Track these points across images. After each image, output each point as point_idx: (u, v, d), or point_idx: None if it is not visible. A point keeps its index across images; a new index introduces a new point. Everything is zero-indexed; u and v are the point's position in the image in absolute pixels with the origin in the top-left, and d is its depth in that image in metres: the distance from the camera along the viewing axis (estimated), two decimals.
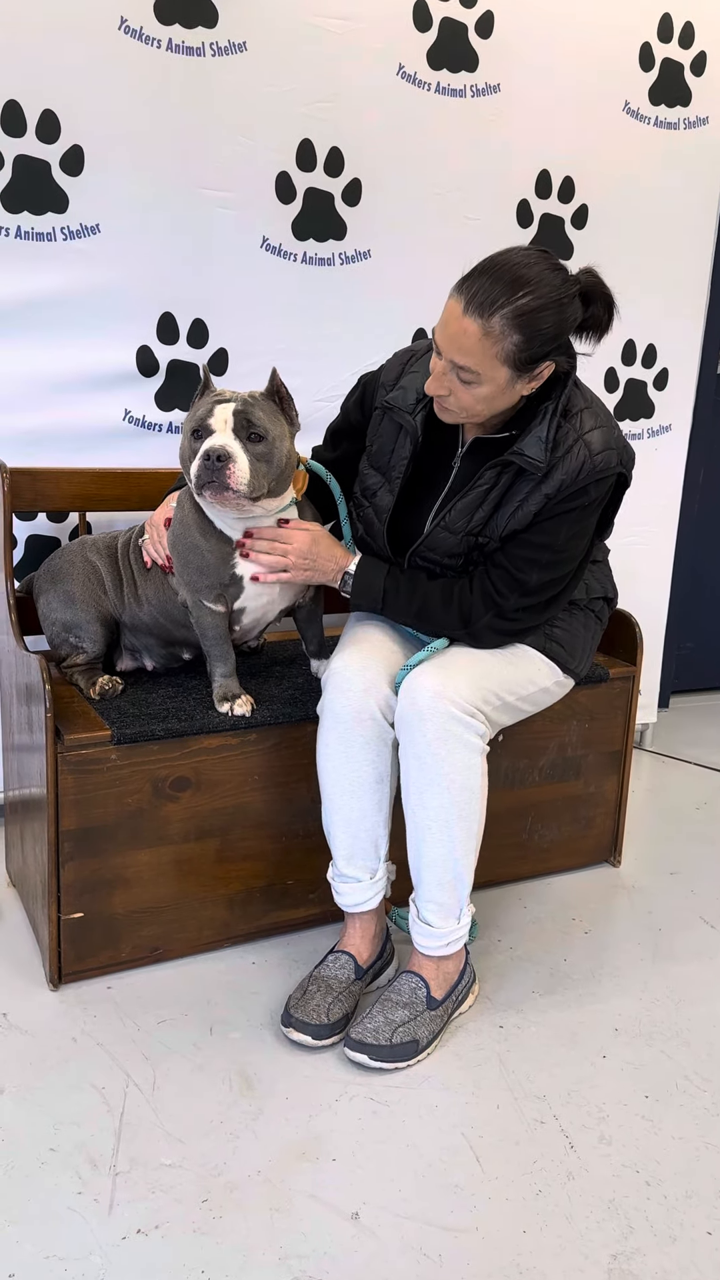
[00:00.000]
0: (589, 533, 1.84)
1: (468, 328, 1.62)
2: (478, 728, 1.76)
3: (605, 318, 1.73)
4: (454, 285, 1.66)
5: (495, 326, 1.61)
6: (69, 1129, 1.55)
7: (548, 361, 1.68)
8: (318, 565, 1.87)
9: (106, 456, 2.28)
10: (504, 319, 1.61)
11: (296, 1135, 1.57)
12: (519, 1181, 1.51)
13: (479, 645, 1.84)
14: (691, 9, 2.64)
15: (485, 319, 1.61)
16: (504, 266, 1.63)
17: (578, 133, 2.60)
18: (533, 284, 1.62)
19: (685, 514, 3.13)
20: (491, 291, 1.61)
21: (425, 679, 1.75)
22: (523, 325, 1.61)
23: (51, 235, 2.14)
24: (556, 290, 1.63)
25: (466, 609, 1.81)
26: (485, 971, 1.99)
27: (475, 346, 1.63)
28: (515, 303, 1.60)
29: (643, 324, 2.80)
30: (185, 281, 2.28)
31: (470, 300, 1.62)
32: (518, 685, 1.86)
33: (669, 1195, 1.50)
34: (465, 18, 2.40)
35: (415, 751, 1.74)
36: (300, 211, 2.35)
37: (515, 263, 1.63)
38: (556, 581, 1.83)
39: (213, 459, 1.70)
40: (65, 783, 1.79)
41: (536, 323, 1.62)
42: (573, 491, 1.75)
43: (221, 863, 1.97)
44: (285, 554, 1.85)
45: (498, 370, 1.65)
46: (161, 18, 2.12)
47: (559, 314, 1.64)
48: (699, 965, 2.06)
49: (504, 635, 1.84)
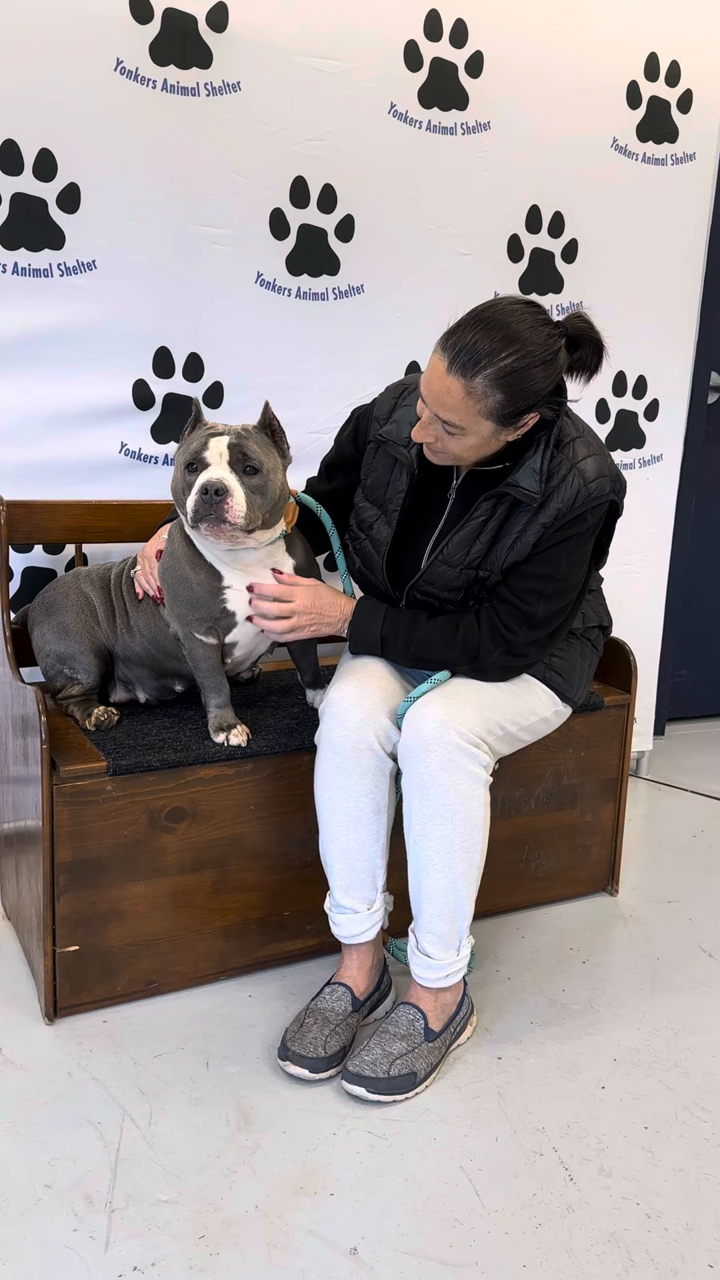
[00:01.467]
0: (587, 560, 1.85)
1: (451, 386, 1.63)
2: (482, 759, 1.76)
3: (594, 360, 1.73)
4: (439, 339, 1.65)
5: (478, 387, 1.61)
6: (65, 1165, 1.54)
7: (532, 413, 1.69)
8: (323, 617, 1.88)
9: (102, 489, 2.30)
10: (487, 379, 1.61)
11: (294, 1170, 1.55)
12: (519, 1215, 1.49)
13: (484, 680, 1.84)
14: (677, 49, 2.69)
15: (468, 379, 1.61)
16: (488, 323, 1.62)
17: (567, 169, 2.64)
18: (517, 343, 1.61)
19: (678, 543, 3.15)
20: (475, 351, 1.60)
21: (431, 709, 1.75)
22: (505, 385, 1.62)
23: (48, 271, 2.16)
24: (541, 348, 1.63)
25: (474, 645, 1.80)
26: (483, 1002, 1.98)
27: (459, 404, 1.64)
28: (498, 363, 1.60)
29: (633, 356, 2.84)
30: (180, 316, 2.30)
31: (454, 359, 1.61)
32: (520, 715, 1.87)
33: (669, 1228, 1.48)
34: (455, 58, 2.45)
35: (419, 782, 1.74)
36: (294, 247, 2.38)
37: (500, 320, 1.62)
38: (561, 612, 1.84)
39: (210, 492, 1.71)
40: (61, 814, 1.79)
41: (520, 382, 1.62)
42: (570, 520, 1.76)
43: (218, 894, 1.96)
44: (290, 613, 1.86)
45: (481, 425, 1.67)
46: (157, 59, 2.16)
47: (544, 371, 1.64)
48: (698, 995, 2.05)
49: (510, 671, 1.85)
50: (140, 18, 2.12)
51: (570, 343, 1.69)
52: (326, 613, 1.88)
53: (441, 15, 2.40)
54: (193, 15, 2.17)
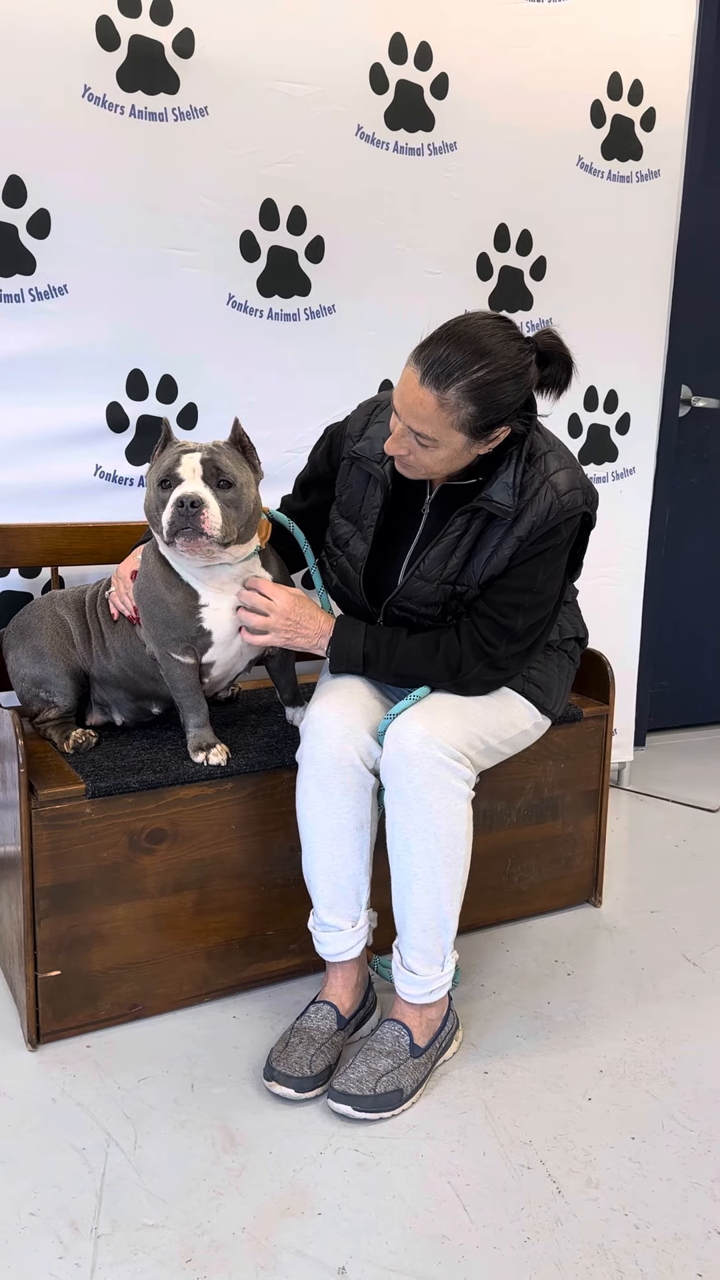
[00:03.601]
0: (562, 572, 1.87)
1: (424, 398, 1.65)
2: (464, 773, 1.76)
3: (563, 377, 1.76)
4: (412, 352, 1.67)
5: (451, 398, 1.63)
6: (49, 1192, 1.52)
7: (503, 426, 1.71)
8: (301, 628, 1.88)
9: (78, 511, 2.30)
10: (459, 391, 1.63)
11: (281, 1190, 1.54)
12: (507, 1229, 1.49)
13: (465, 695, 1.85)
14: (639, 68, 2.73)
15: (441, 391, 1.63)
16: (461, 337, 1.64)
17: (534, 187, 2.67)
18: (489, 356, 1.63)
19: (653, 554, 3.18)
20: (448, 363, 1.62)
21: (413, 724, 1.75)
22: (478, 398, 1.64)
23: (20, 297, 2.17)
24: (512, 361, 1.65)
25: (455, 660, 1.81)
26: (468, 1017, 1.98)
27: (431, 416, 1.65)
28: (471, 375, 1.62)
29: (604, 371, 2.86)
30: (153, 339, 2.31)
31: (427, 371, 1.64)
32: (501, 729, 1.87)
33: (658, 1238, 1.48)
34: (421, 80, 2.48)
35: (402, 797, 1.74)
36: (265, 269, 2.39)
37: (472, 334, 1.65)
38: (539, 624, 1.85)
39: (186, 505, 1.72)
40: (40, 839, 1.78)
41: (492, 395, 1.64)
42: (544, 532, 1.78)
43: (200, 915, 1.96)
44: (269, 611, 1.86)
45: (454, 437, 1.68)
46: (124, 85, 2.17)
47: (514, 385, 1.66)
48: (682, 1004, 2.05)
49: (491, 685, 1.86)
50: (107, 44, 2.14)
51: (540, 359, 1.72)
52: (304, 625, 1.88)
53: (406, 38, 2.43)
54: (159, 41, 2.19)
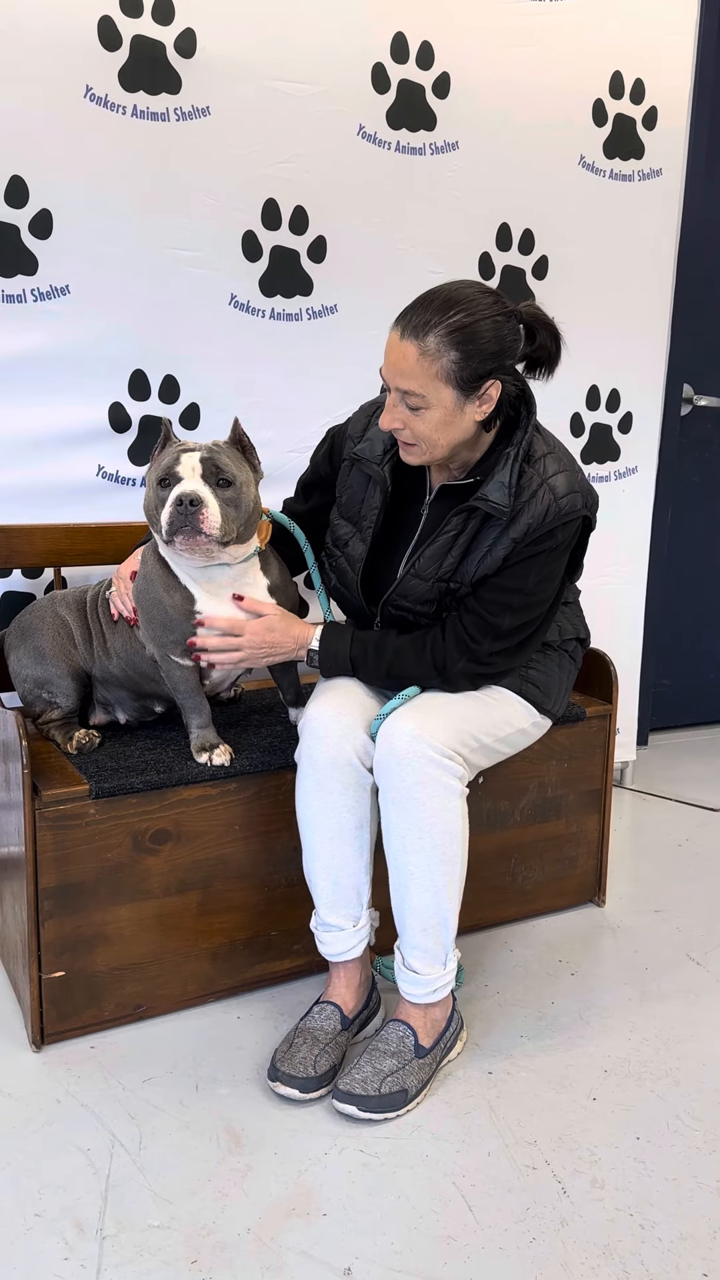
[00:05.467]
0: (558, 575, 1.86)
1: (406, 351, 1.68)
2: (456, 770, 1.76)
3: (553, 347, 1.77)
4: (393, 320, 1.72)
5: (431, 345, 1.66)
6: (54, 1193, 1.52)
7: (491, 380, 1.70)
8: (277, 649, 1.88)
9: (80, 512, 2.30)
10: (439, 336, 1.66)
11: (286, 1191, 1.54)
12: (512, 1230, 1.49)
13: (453, 691, 1.85)
14: (641, 67, 2.72)
15: (421, 339, 1.66)
16: (437, 293, 1.71)
17: (536, 186, 2.67)
18: (464, 303, 1.68)
19: (655, 553, 3.17)
20: (425, 313, 1.67)
21: (402, 723, 1.75)
22: (458, 341, 1.66)
23: (22, 297, 2.17)
24: (489, 308, 1.69)
25: (440, 656, 1.82)
26: (472, 1017, 1.98)
27: (415, 368, 1.67)
28: (448, 320, 1.66)
29: (606, 369, 2.86)
30: (156, 339, 2.31)
31: (406, 326, 1.68)
32: (494, 727, 1.87)
33: (663, 1238, 1.48)
34: (422, 79, 2.47)
35: (395, 796, 1.75)
36: (267, 269, 2.39)
37: (448, 289, 1.71)
38: (528, 625, 1.85)
39: (185, 503, 1.72)
40: (44, 839, 1.78)
41: (472, 338, 1.67)
42: (540, 535, 1.77)
43: (204, 916, 1.96)
44: (239, 645, 1.86)
45: (441, 390, 1.69)
46: (126, 85, 2.17)
47: (494, 330, 1.68)
48: (686, 1003, 2.05)
49: (477, 680, 1.86)
50: (109, 45, 2.14)
51: (528, 332, 1.74)
52: (279, 644, 1.88)
53: (408, 37, 2.43)
54: (161, 41, 2.19)
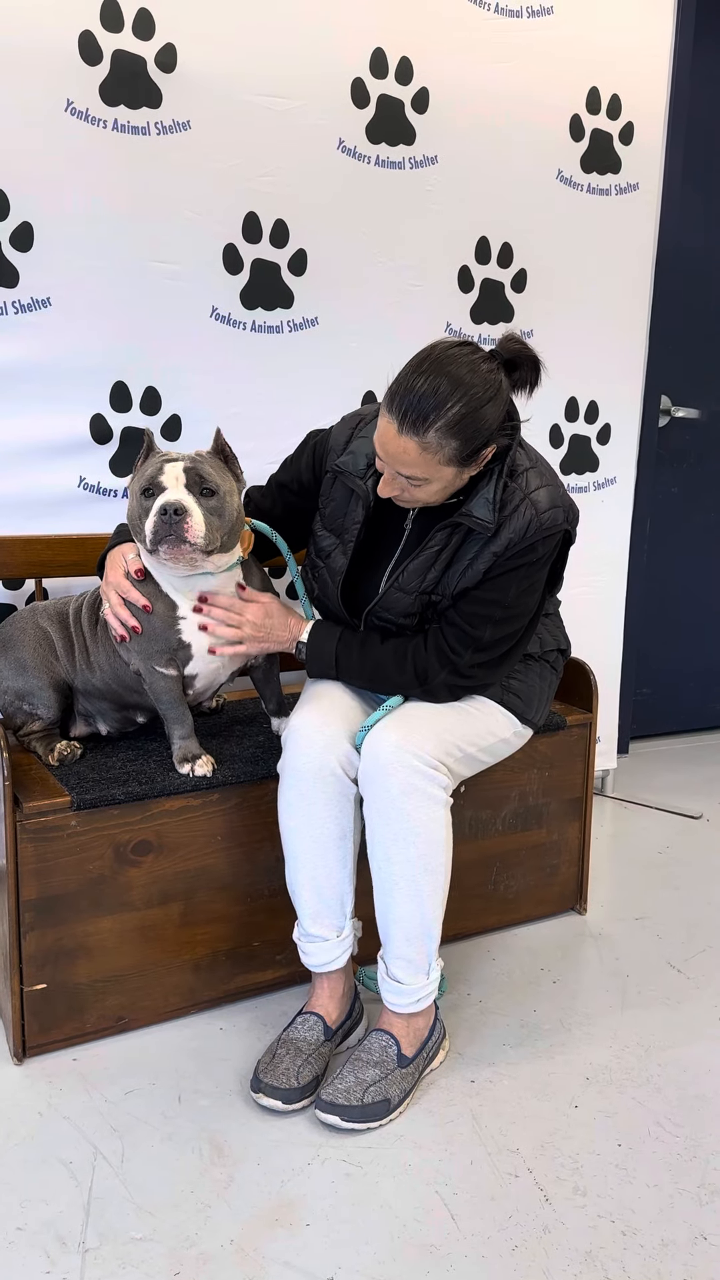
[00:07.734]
0: (539, 588, 1.88)
1: (406, 446, 1.65)
2: (440, 780, 1.77)
3: (533, 376, 1.76)
4: (384, 399, 1.67)
5: (432, 440, 1.64)
6: (36, 1206, 1.52)
7: (489, 447, 1.72)
8: (272, 636, 1.90)
9: (61, 523, 2.30)
10: (439, 432, 1.63)
11: (269, 1202, 1.54)
12: (495, 1238, 1.49)
13: (435, 701, 1.86)
14: (617, 83, 2.76)
15: (421, 436, 1.64)
16: (428, 375, 1.63)
17: (514, 200, 2.69)
18: (460, 388, 1.63)
19: (634, 563, 3.20)
20: (421, 407, 1.62)
21: (387, 734, 1.76)
22: (458, 432, 1.64)
23: (3, 309, 2.17)
24: (484, 386, 1.65)
25: (422, 667, 1.83)
26: (455, 1026, 1.99)
27: (417, 460, 1.67)
28: (447, 414, 1.62)
29: (585, 381, 2.88)
30: (137, 351, 2.32)
31: (403, 419, 1.63)
32: (477, 737, 1.88)
33: (645, 1244, 1.49)
34: (401, 94, 2.50)
35: (379, 806, 1.75)
36: (248, 282, 2.41)
37: (435, 370, 1.63)
38: (509, 637, 1.86)
39: (169, 512, 1.73)
40: (25, 851, 1.78)
41: (472, 425, 1.65)
42: (521, 549, 1.79)
43: (186, 927, 1.96)
44: (239, 624, 1.87)
45: (443, 471, 1.69)
46: (107, 99, 2.18)
47: (492, 408, 1.66)
48: (667, 1010, 2.07)
49: (458, 691, 1.87)
50: (89, 59, 2.15)
51: (508, 365, 1.73)
52: (275, 632, 1.90)
53: (387, 53, 2.45)
54: (141, 56, 2.20)
